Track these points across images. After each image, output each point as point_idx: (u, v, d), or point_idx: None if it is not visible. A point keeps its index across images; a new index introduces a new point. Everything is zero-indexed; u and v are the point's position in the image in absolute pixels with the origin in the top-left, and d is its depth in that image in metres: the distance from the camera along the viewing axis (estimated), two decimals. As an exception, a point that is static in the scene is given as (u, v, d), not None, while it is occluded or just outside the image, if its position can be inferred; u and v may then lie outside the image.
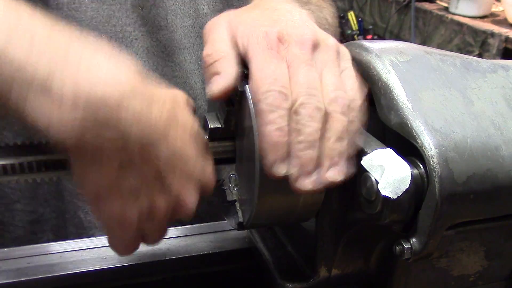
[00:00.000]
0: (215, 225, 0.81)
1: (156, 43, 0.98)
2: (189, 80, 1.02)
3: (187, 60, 1.01)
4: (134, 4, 0.95)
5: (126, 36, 0.96)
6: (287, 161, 0.52)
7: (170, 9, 0.97)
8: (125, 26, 0.95)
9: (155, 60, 0.98)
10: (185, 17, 0.99)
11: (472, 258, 0.59)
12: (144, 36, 0.97)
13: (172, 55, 0.99)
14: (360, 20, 4.20)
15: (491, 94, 0.58)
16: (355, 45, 0.60)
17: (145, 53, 0.98)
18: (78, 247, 0.74)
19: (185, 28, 0.99)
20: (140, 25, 0.96)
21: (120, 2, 0.94)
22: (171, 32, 0.98)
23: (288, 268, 0.66)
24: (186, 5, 0.99)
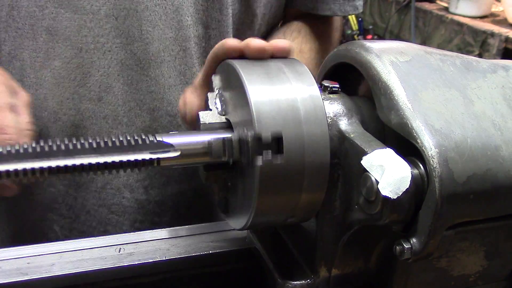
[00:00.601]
0: (215, 225, 0.81)
1: (130, 55, 0.94)
2: (166, 96, 0.97)
3: (165, 74, 0.96)
4: (107, 14, 0.91)
5: (98, 47, 0.92)
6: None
7: (145, 19, 0.93)
8: (97, 37, 0.92)
9: (129, 73, 0.94)
10: (166, 28, 0.95)
11: (472, 258, 0.59)
12: (118, 48, 0.93)
13: (148, 69, 0.95)
14: (360, 20, 4.20)
15: (491, 94, 0.58)
16: (355, 45, 0.60)
17: (118, 65, 0.94)
18: (78, 247, 0.74)
19: (166, 40, 0.95)
20: (113, 36, 0.92)
21: (93, 11, 0.91)
22: (146, 44, 0.94)
23: (288, 268, 0.66)
24: (168, 16, 0.95)
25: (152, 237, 0.77)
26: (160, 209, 1.04)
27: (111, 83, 0.94)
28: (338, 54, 0.63)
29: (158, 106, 0.97)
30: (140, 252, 0.74)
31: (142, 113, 0.97)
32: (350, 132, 0.57)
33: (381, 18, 4.05)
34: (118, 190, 1.01)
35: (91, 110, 0.95)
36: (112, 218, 1.02)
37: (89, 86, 0.94)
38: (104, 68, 0.93)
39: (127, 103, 0.96)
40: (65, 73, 0.93)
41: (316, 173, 0.55)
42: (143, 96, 0.96)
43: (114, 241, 0.76)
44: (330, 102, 0.60)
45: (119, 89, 0.95)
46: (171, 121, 0.99)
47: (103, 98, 0.94)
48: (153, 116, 0.97)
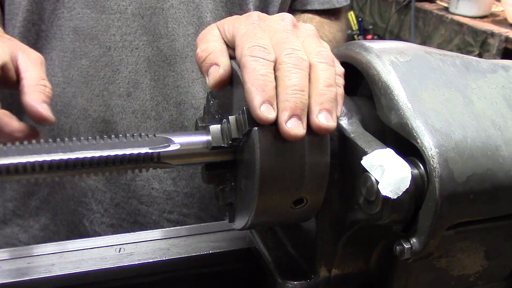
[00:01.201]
0: (215, 225, 0.81)
1: (157, 52, 0.98)
2: (191, 89, 1.01)
3: (189, 69, 1.00)
4: (134, 13, 0.95)
5: (126, 45, 0.96)
6: (274, 105, 0.52)
7: (171, 17, 0.97)
8: (125, 36, 0.95)
9: (156, 69, 0.98)
10: (189, 25, 0.98)
11: (472, 258, 0.59)
12: (145, 45, 0.97)
13: (174, 64, 0.99)
14: (360, 20, 4.20)
15: (491, 94, 0.58)
16: (355, 45, 0.60)
17: (146, 62, 0.97)
18: (78, 247, 0.74)
19: (188, 37, 0.99)
20: (140, 34, 0.96)
21: (120, 11, 0.94)
22: (172, 41, 0.97)
23: (288, 268, 0.66)
24: (190, 13, 0.98)
25: (152, 237, 0.77)
26: (189, 200, 1.07)
27: (139, 79, 0.98)
28: (338, 54, 0.63)
29: (184, 99, 1.01)
30: (140, 252, 0.74)
31: (169, 106, 1.00)
32: (350, 132, 0.57)
33: (381, 18, 4.05)
34: (147, 181, 1.04)
35: (120, 106, 0.98)
36: (142, 208, 1.05)
37: (118, 83, 0.97)
38: (132, 65, 0.97)
39: (154, 97, 0.99)
40: (93, 71, 0.96)
41: (316, 173, 0.55)
42: (169, 91, 1.00)
43: (114, 241, 0.76)
44: (330, 102, 0.60)
45: (146, 84, 0.98)
46: (195, 113, 1.02)
47: (131, 94, 0.98)
48: (179, 109, 1.01)
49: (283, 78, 0.52)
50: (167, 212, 1.06)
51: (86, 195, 1.04)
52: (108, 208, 1.05)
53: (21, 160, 0.52)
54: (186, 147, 0.57)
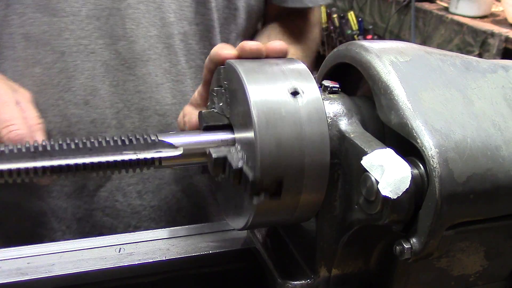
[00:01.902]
0: (215, 225, 0.81)
1: (115, 55, 0.92)
2: (154, 95, 0.95)
3: (151, 73, 0.94)
4: (89, 15, 0.89)
5: (81, 50, 0.90)
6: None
7: (128, 18, 0.91)
8: (79, 39, 0.89)
9: (115, 74, 0.92)
10: (150, 26, 0.93)
11: (472, 258, 0.59)
12: (102, 49, 0.91)
13: (134, 68, 0.93)
14: (360, 20, 4.19)
15: (491, 94, 0.58)
16: (355, 45, 0.60)
17: (103, 67, 0.91)
18: (78, 247, 0.74)
19: (150, 38, 0.93)
20: (96, 37, 0.90)
21: (73, 13, 0.88)
22: (130, 43, 0.92)
23: (288, 268, 0.66)
24: (150, 13, 0.93)
25: (152, 237, 0.77)
26: (156, 214, 1.02)
27: (96, 86, 0.92)
28: (338, 54, 0.63)
29: (147, 105, 0.95)
30: (140, 252, 0.74)
31: (131, 113, 0.95)
32: (350, 132, 0.57)
33: (381, 18, 4.05)
34: (110, 193, 0.99)
35: (77, 115, 0.92)
36: (106, 221, 1.00)
37: (74, 90, 0.91)
38: (88, 70, 0.91)
39: (114, 104, 0.94)
40: (47, 79, 0.91)
41: (316, 173, 0.55)
42: (130, 97, 0.94)
43: (114, 241, 0.76)
44: (330, 102, 0.60)
45: (105, 91, 0.92)
46: (160, 121, 0.97)
47: (89, 102, 0.92)
48: (142, 116, 0.95)
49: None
50: (133, 227, 1.01)
51: (45, 214, 0.98)
52: (70, 224, 0.99)
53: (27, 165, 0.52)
54: (188, 151, 0.58)
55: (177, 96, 0.98)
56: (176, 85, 0.98)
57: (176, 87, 0.98)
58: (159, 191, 1.01)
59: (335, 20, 4.35)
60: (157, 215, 1.02)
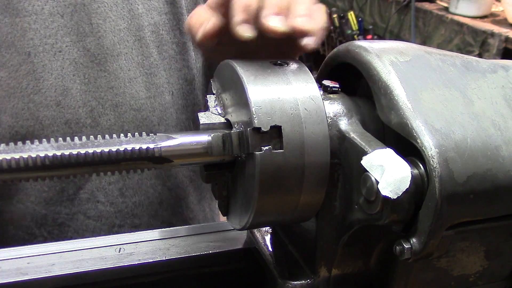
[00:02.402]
0: (215, 225, 0.81)
1: (83, 52, 0.88)
2: (128, 89, 0.92)
3: (123, 67, 0.91)
4: (52, 13, 0.86)
5: (47, 49, 0.86)
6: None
7: (94, 12, 0.88)
8: (44, 38, 0.86)
9: (85, 71, 0.89)
10: (118, 19, 0.90)
11: (472, 258, 0.59)
12: (69, 47, 0.87)
13: (104, 64, 0.90)
14: (360, 20, 4.20)
15: (491, 94, 0.58)
16: (355, 45, 0.60)
17: (72, 65, 0.88)
18: (78, 247, 0.74)
19: (119, 32, 0.90)
20: (62, 35, 0.87)
21: (35, 12, 0.85)
22: (99, 38, 0.89)
23: (288, 268, 0.66)
24: (118, 5, 0.90)
25: (152, 237, 0.77)
26: (138, 210, 1.00)
27: (67, 85, 0.89)
28: (338, 54, 0.63)
29: (121, 101, 0.93)
30: (140, 252, 0.74)
31: (105, 111, 0.92)
32: (350, 132, 0.57)
33: (381, 18, 4.05)
34: (92, 194, 0.96)
35: (50, 117, 0.89)
36: (89, 224, 0.97)
37: (44, 92, 0.88)
38: (57, 70, 0.88)
39: (87, 103, 0.90)
40: (14, 82, 0.87)
41: (316, 173, 0.55)
42: (103, 93, 0.91)
43: (114, 241, 0.76)
44: (330, 102, 0.60)
45: (77, 90, 0.89)
46: (135, 116, 0.94)
47: (61, 102, 0.89)
48: (117, 112, 0.93)
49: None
50: (117, 226, 0.99)
51: (25, 218, 0.95)
52: (51, 230, 0.96)
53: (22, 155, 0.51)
54: (186, 151, 0.57)
55: (151, 89, 0.95)
56: (150, 78, 0.95)
57: (150, 80, 0.95)
58: (139, 187, 0.99)
59: (335, 20, 4.35)
60: (139, 210, 1.00)
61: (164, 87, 0.97)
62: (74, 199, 0.95)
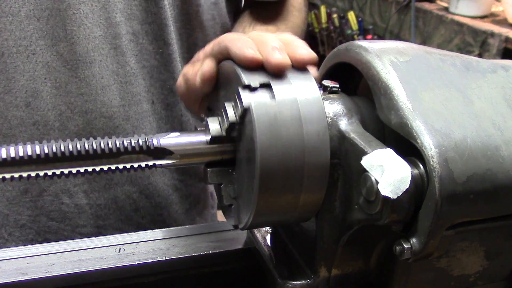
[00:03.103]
0: (215, 225, 0.81)
1: (56, 57, 0.89)
2: (100, 97, 0.93)
3: (96, 75, 0.92)
4: (28, 15, 0.87)
5: (21, 50, 0.88)
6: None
7: (69, 18, 0.89)
8: (19, 40, 0.87)
9: (57, 75, 0.90)
10: (94, 26, 0.90)
11: (472, 258, 0.59)
12: (43, 50, 0.89)
13: (76, 70, 0.91)
14: (360, 20, 4.20)
15: (491, 94, 0.58)
16: (355, 45, 0.60)
17: (45, 68, 0.89)
18: (78, 247, 0.74)
19: (94, 39, 0.91)
20: (37, 38, 0.88)
21: (12, 13, 0.86)
22: (72, 44, 0.90)
23: (288, 268, 0.66)
24: (94, 13, 0.90)
25: (152, 237, 0.77)
26: (103, 212, 1.00)
27: (38, 87, 0.90)
28: (338, 54, 0.63)
29: (91, 108, 0.94)
30: (140, 252, 0.74)
31: (74, 116, 0.93)
32: (350, 132, 0.57)
33: (381, 18, 4.05)
34: (56, 196, 0.96)
35: (19, 118, 0.90)
36: (52, 225, 0.97)
37: (14, 92, 0.89)
38: (29, 72, 0.89)
39: (57, 107, 0.91)
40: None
41: (316, 173, 0.55)
42: (73, 99, 0.92)
43: (114, 241, 0.76)
44: (330, 102, 0.60)
45: (47, 93, 0.90)
46: (106, 123, 0.95)
47: (31, 104, 0.90)
48: (86, 118, 0.94)
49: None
50: (80, 227, 0.99)
51: None
52: (12, 231, 0.96)
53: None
54: (185, 151, 0.58)
55: (126, 97, 0.97)
56: (125, 86, 0.96)
57: (125, 89, 0.96)
58: (106, 190, 1.00)
59: (335, 20, 4.35)
60: (103, 212, 1.00)
61: (142, 96, 0.98)
62: (38, 200, 0.95)
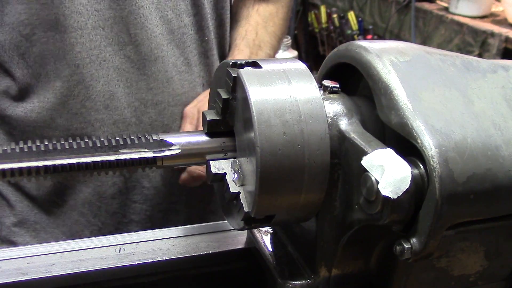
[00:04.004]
0: (215, 225, 0.81)
1: (124, 59, 0.99)
2: (166, 88, 1.04)
3: (161, 69, 1.03)
4: (94, 27, 0.96)
5: (93, 60, 0.97)
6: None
7: (132, 23, 0.98)
8: (90, 50, 0.97)
9: (128, 76, 1.00)
10: (154, 27, 1.00)
11: (472, 258, 0.59)
12: (112, 56, 0.98)
13: (143, 68, 1.01)
14: (360, 20, 4.19)
15: (491, 94, 0.58)
16: (355, 45, 0.60)
17: (116, 72, 0.99)
18: (78, 247, 0.74)
19: (156, 38, 1.01)
20: (105, 45, 0.97)
21: (80, 27, 0.95)
22: (137, 46, 0.99)
23: (288, 268, 0.66)
24: (152, 15, 1.00)
25: (152, 237, 0.77)
26: (174, 189, 1.13)
27: (113, 90, 1.00)
28: (338, 54, 0.63)
29: (160, 99, 1.04)
30: (140, 252, 0.74)
31: (147, 109, 1.03)
32: (350, 132, 0.57)
33: (381, 18, 4.05)
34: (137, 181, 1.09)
35: (100, 120, 1.01)
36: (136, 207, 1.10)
37: (93, 98, 0.99)
38: (103, 77, 0.99)
39: (131, 104, 1.02)
40: (67, 91, 0.98)
41: (316, 173, 0.55)
42: (144, 94, 1.02)
43: (114, 241, 0.76)
44: (330, 102, 0.60)
45: (121, 93, 1.01)
46: (173, 111, 1.06)
47: (109, 106, 1.00)
48: (157, 110, 1.04)
49: None
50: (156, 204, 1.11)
51: (83, 206, 1.06)
52: (104, 220, 1.09)
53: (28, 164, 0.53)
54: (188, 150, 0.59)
55: (185, 85, 1.08)
56: (183, 75, 1.08)
57: (183, 77, 1.08)
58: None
59: (335, 20, 4.35)
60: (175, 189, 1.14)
61: (196, 82, 1.09)
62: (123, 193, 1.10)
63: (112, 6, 0.95)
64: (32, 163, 0.52)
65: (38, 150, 0.53)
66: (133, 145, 0.56)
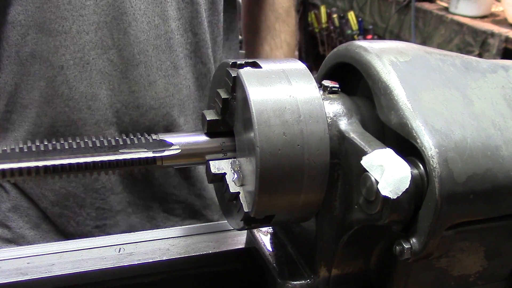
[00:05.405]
0: (215, 225, 0.81)
1: (107, 63, 1.02)
2: (148, 92, 1.06)
3: (143, 74, 1.05)
4: (79, 31, 0.99)
5: (77, 62, 1.00)
6: None
7: (115, 28, 1.01)
8: (74, 53, 1.00)
9: (110, 79, 1.03)
10: (137, 32, 1.02)
11: (472, 258, 0.59)
12: (95, 59, 1.01)
13: (126, 72, 1.03)
14: (360, 20, 4.19)
15: (491, 94, 0.58)
16: (355, 45, 0.60)
17: (99, 75, 1.02)
18: (78, 247, 0.74)
19: (139, 44, 1.03)
20: (89, 49, 1.00)
21: (64, 31, 0.99)
22: (120, 50, 1.02)
23: (288, 268, 0.66)
24: (137, 20, 1.02)
25: (152, 237, 0.77)
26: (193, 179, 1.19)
27: (95, 91, 1.03)
28: (338, 54, 0.63)
29: (142, 102, 1.07)
30: (140, 252, 0.74)
31: (129, 111, 1.06)
32: (350, 132, 0.57)
33: (381, 18, 4.05)
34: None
35: (83, 119, 1.04)
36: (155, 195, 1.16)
37: (76, 98, 1.02)
38: (86, 79, 1.02)
39: (113, 105, 1.05)
40: (52, 91, 1.02)
41: (316, 173, 0.55)
42: (126, 97, 1.05)
43: (114, 241, 0.76)
44: (330, 102, 0.60)
45: (103, 95, 1.04)
46: (156, 113, 1.08)
47: (91, 106, 1.03)
48: (139, 112, 1.07)
49: None
50: (174, 195, 1.17)
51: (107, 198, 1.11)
52: (134, 209, 1.15)
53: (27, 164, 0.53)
54: (187, 150, 0.59)
55: (169, 88, 1.10)
56: (168, 79, 1.09)
57: (168, 81, 1.09)
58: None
59: (335, 20, 4.35)
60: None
61: (182, 84, 1.11)
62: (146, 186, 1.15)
63: (97, 12, 0.98)
64: (32, 163, 0.52)
65: (38, 150, 0.53)
66: (133, 145, 0.56)
